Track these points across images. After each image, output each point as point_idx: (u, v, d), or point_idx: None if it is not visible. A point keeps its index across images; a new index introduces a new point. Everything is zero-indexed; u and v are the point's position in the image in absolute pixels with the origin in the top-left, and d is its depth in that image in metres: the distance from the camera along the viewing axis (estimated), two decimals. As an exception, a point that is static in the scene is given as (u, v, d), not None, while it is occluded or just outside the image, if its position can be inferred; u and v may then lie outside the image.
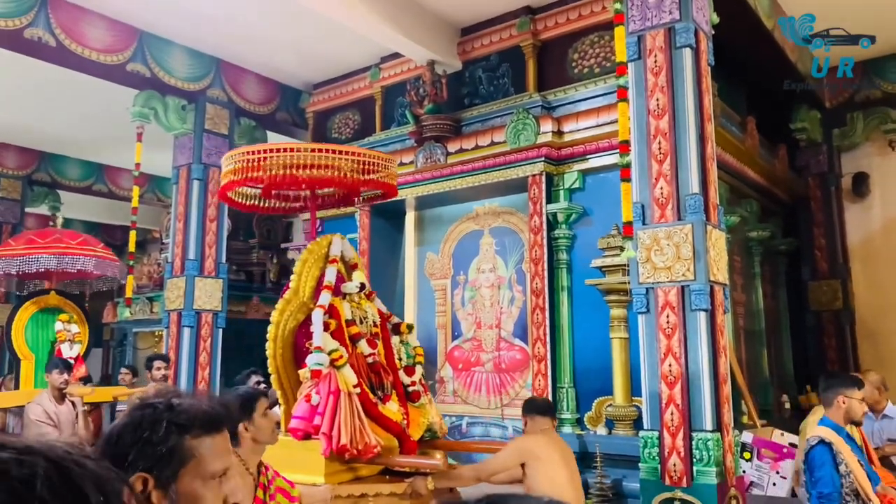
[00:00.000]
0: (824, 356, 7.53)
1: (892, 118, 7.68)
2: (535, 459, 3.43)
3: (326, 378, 3.40)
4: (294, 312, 3.78)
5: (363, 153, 3.96)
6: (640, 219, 4.31)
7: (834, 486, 3.20)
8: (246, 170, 3.77)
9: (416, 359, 4.15)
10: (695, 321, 4.07)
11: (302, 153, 3.74)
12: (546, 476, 3.38)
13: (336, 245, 4.00)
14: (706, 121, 4.36)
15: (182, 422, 1.19)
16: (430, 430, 3.98)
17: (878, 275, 7.68)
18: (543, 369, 5.69)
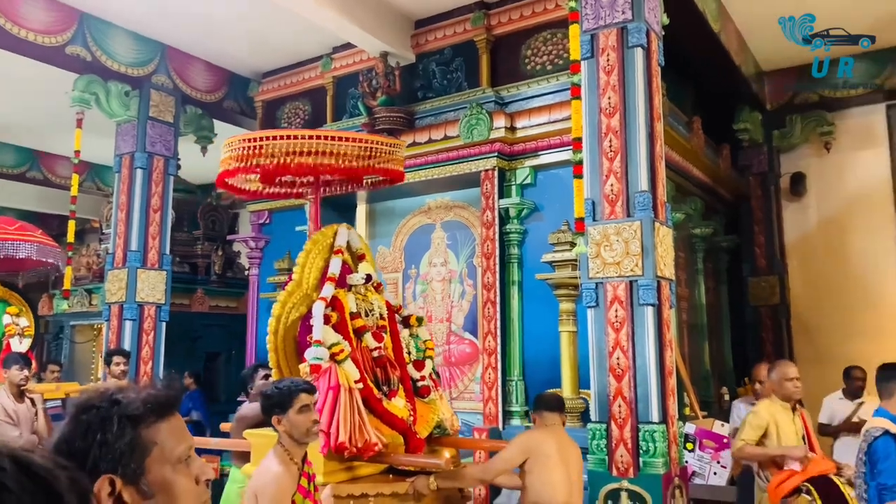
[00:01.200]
0: (762, 350, 7.81)
1: (828, 121, 8.00)
2: (536, 457, 3.35)
3: (326, 373, 3.29)
4: (297, 304, 3.66)
5: (368, 139, 3.84)
6: (591, 215, 4.38)
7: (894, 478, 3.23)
8: (246, 157, 3.63)
9: (427, 353, 4.00)
10: (642, 315, 4.16)
11: (305, 140, 3.62)
12: (540, 477, 3.30)
13: (342, 235, 3.89)
14: (656, 120, 4.46)
15: (132, 413, 1.16)
16: (439, 426, 3.83)
17: (813, 271, 8.00)
18: (493, 362, 5.73)
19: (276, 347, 3.62)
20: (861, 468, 3.39)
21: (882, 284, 7.55)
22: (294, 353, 3.64)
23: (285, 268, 7.43)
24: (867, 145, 7.91)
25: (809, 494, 3.86)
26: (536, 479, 3.30)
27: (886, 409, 3.48)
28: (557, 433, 3.51)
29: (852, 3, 6.54)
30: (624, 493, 3.99)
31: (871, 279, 7.60)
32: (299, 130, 4.19)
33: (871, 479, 3.30)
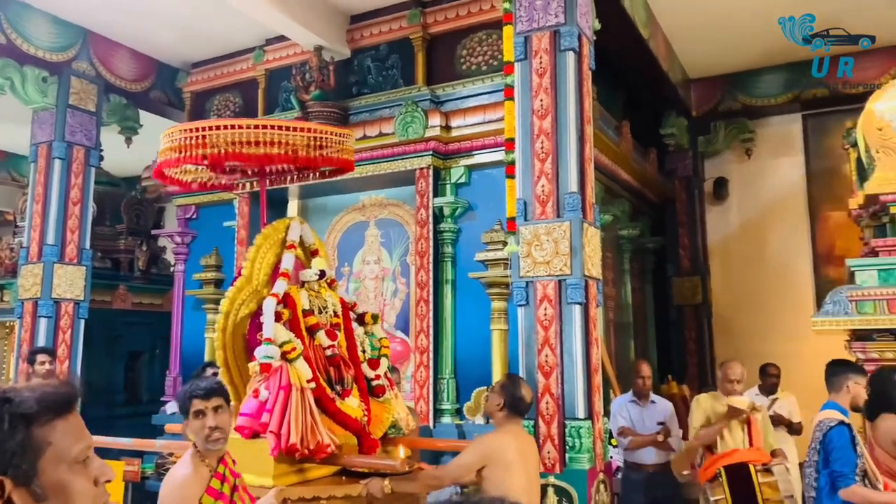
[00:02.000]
0: (685, 348, 8.10)
1: (749, 129, 8.37)
2: (496, 464, 3.20)
3: (277, 372, 3.18)
4: (246, 301, 3.52)
5: (316, 129, 3.71)
6: (523, 215, 4.43)
7: (851, 465, 3.32)
8: (187, 147, 3.46)
9: (382, 351, 3.90)
10: (570, 314, 4.24)
11: (250, 130, 3.48)
12: (500, 485, 3.14)
13: (294, 229, 3.76)
14: (586, 123, 4.55)
15: (25, 411, 1.10)
16: (394, 426, 3.74)
17: (733, 273, 8.34)
18: (425, 361, 5.74)
19: (225, 345, 3.48)
20: (813, 457, 3.49)
21: (797, 286, 7.94)
22: (243, 351, 3.52)
23: (213, 264, 7.24)
24: (785, 153, 8.31)
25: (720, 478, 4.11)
26: (495, 487, 3.16)
27: (836, 401, 3.63)
28: (518, 435, 3.41)
29: (774, 17, 6.83)
30: (550, 489, 4.06)
31: (786, 281, 7.98)
32: (244, 119, 4.01)
33: (823, 467, 3.41)
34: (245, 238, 6.89)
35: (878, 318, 4.50)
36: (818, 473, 3.46)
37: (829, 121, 7.83)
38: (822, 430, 3.46)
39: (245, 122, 3.58)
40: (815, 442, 3.47)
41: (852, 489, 3.29)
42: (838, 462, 3.34)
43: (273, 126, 3.56)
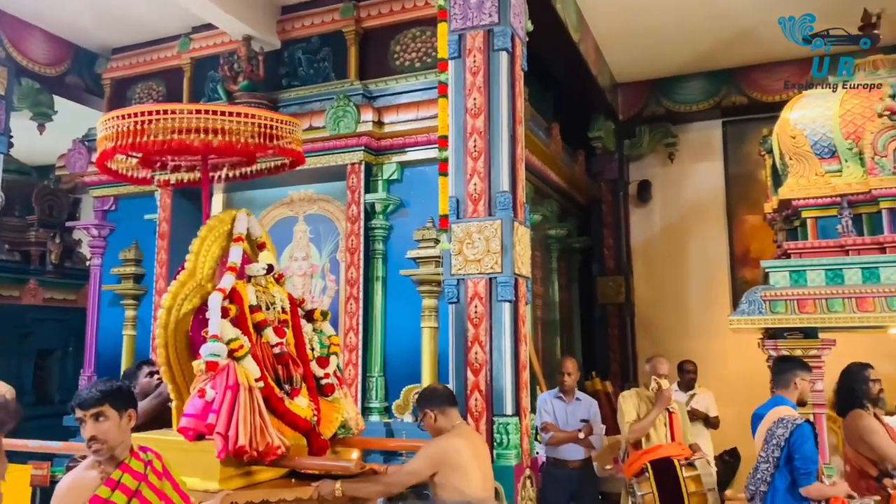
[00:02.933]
0: (608, 345, 8.32)
1: (672, 133, 8.66)
2: (451, 469, 3.15)
3: (224, 371, 3.03)
4: (189, 296, 3.34)
5: (262, 116, 3.53)
6: (455, 213, 4.44)
7: (815, 463, 3.42)
8: (124, 135, 3.26)
9: (331, 349, 3.78)
10: (500, 311, 4.28)
11: (190, 116, 3.29)
12: (455, 490, 3.11)
13: (241, 222, 3.59)
14: (518, 123, 4.60)
15: None
16: (344, 426, 3.64)
17: (655, 273, 8.62)
18: (354, 359, 5.68)
19: (167, 343, 3.30)
20: (774, 453, 3.50)
21: (715, 286, 8.27)
22: (186, 348, 3.35)
23: (132, 258, 6.96)
24: (705, 158, 8.64)
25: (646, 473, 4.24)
26: (451, 492, 3.11)
27: (784, 397, 3.73)
28: (468, 435, 3.36)
29: (697, 26, 7.10)
30: (479, 485, 4.08)
31: (705, 281, 8.31)
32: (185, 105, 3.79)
33: (785, 463, 3.45)
34: (167, 232, 6.66)
35: (788, 317, 4.73)
36: (776, 469, 3.49)
37: (747, 128, 8.18)
38: (788, 428, 3.48)
39: (186, 106, 3.40)
40: (779, 438, 3.49)
41: (815, 485, 3.40)
42: (803, 460, 3.40)
43: (215, 112, 3.39)
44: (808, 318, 4.68)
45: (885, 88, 5.06)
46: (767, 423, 3.59)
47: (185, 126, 3.30)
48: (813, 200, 5.22)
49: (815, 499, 3.41)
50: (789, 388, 3.74)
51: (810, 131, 5.32)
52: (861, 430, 3.71)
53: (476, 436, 3.52)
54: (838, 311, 4.65)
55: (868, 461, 3.74)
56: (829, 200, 5.14)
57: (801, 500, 3.42)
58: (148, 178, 4.25)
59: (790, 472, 3.44)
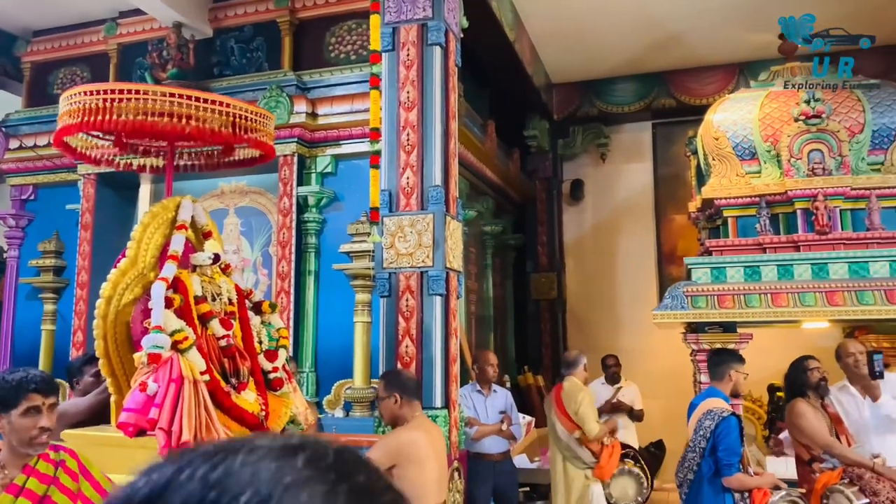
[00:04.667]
0: (540, 340, 8.46)
1: (605, 134, 8.87)
2: (409, 462, 3.09)
3: (167, 363, 2.88)
4: (130, 285, 3.18)
5: (234, 105, 3.39)
6: (387, 206, 4.44)
7: (737, 455, 3.56)
8: (87, 113, 3.10)
9: (280, 342, 3.63)
10: (431, 305, 4.30)
11: (163, 98, 3.14)
12: (414, 482, 3.04)
13: (186, 209, 3.43)
14: (451, 118, 4.62)
15: None
16: (293, 421, 3.50)
17: (586, 270, 8.81)
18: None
19: (106, 334, 3.13)
20: (701, 444, 3.62)
21: (643, 283, 8.51)
22: (126, 340, 3.20)
23: (52, 250, 6.68)
24: (635, 159, 8.88)
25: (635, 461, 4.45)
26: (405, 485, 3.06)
27: (718, 388, 3.86)
28: (428, 428, 3.31)
29: (629, 30, 7.29)
30: (408, 478, 4.09)
31: (634, 278, 8.54)
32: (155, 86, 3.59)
33: (710, 453, 3.57)
34: (90, 223, 6.42)
35: (709, 311, 4.92)
36: (702, 459, 3.62)
37: (676, 130, 8.45)
38: (715, 420, 3.61)
39: (156, 88, 3.27)
40: (706, 430, 3.61)
41: (736, 476, 3.55)
42: (726, 451, 3.55)
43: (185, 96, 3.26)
44: (726, 312, 4.88)
45: (801, 94, 5.31)
46: (698, 414, 3.72)
47: (156, 109, 3.18)
48: (734, 200, 5.45)
49: (736, 489, 3.55)
50: (724, 379, 3.87)
51: (732, 133, 5.55)
52: (793, 415, 3.87)
53: (436, 430, 3.48)
54: (755, 307, 4.86)
55: (802, 447, 3.90)
56: (748, 200, 5.38)
57: (723, 490, 3.55)
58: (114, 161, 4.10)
59: (714, 462, 3.57)
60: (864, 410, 4.06)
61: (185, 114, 3.25)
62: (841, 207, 5.13)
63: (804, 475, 3.95)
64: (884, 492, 3.53)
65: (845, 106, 5.32)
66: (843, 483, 3.62)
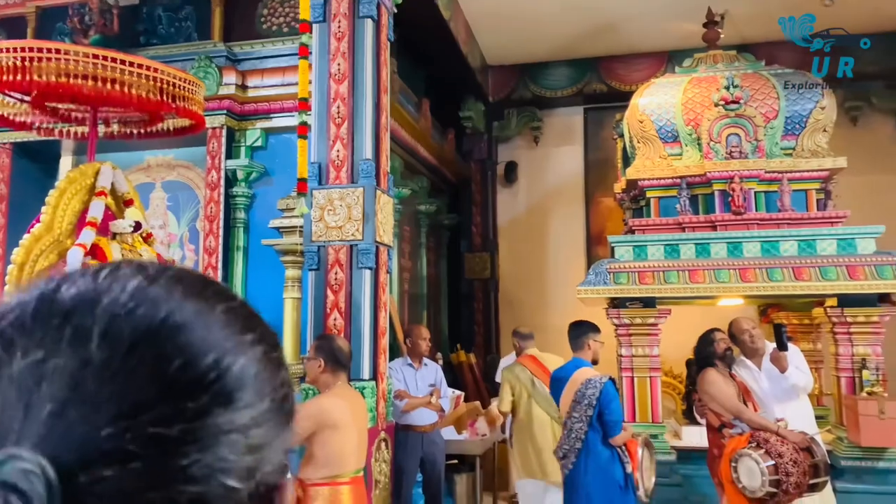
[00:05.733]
0: (473, 319, 8.57)
1: (538, 117, 9.00)
2: (326, 427, 3.09)
3: None
4: (45, 252, 3.09)
5: (162, 70, 3.26)
6: (317, 179, 4.42)
7: (621, 414, 3.83)
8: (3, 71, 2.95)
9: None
10: (360, 278, 4.31)
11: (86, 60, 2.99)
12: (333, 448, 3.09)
13: (106, 175, 3.33)
14: (383, 92, 4.62)
15: None
16: None
17: (518, 251, 8.96)
18: (213, 329, 5.52)
19: None
20: (588, 412, 3.78)
21: (572, 263, 8.70)
22: None
23: (-36, 222, 6.36)
24: (567, 142, 9.05)
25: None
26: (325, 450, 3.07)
27: (582, 358, 4.02)
28: (349, 396, 3.34)
29: (563, 15, 7.40)
30: (334, 449, 4.11)
31: (564, 259, 8.73)
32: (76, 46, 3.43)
33: (597, 419, 3.76)
34: (5, 194, 6.17)
35: (630, 287, 5.10)
36: (589, 427, 3.78)
37: (606, 115, 8.64)
38: (598, 388, 3.80)
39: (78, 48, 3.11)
40: (590, 398, 3.78)
41: (620, 435, 3.77)
42: (612, 413, 3.76)
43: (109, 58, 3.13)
44: (646, 288, 5.08)
45: (721, 80, 5.53)
46: (575, 385, 3.87)
47: (78, 71, 3.05)
48: (656, 181, 5.65)
49: (619, 444, 3.80)
50: (584, 349, 4.04)
51: (656, 117, 5.73)
52: (704, 383, 4.04)
53: (357, 398, 3.50)
54: (673, 283, 5.07)
55: (713, 414, 4.08)
56: (670, 182, 5.58)
57: (610, 449, 3.78)
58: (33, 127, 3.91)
59: (601, 426, 3.77)
60: (762, 382, 4.29)
61: (109, 77, 3.16)
62: (755, 189, 5.39)
63: (714, 440, 4.16)
64: (787, 453, 3.75)
65: (762, 93, 5.56)
66: (750, 447, 3.82)
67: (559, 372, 4.11)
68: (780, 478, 3.64)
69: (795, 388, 4.26)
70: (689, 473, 4.97)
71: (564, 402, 3.94)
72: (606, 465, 3.77)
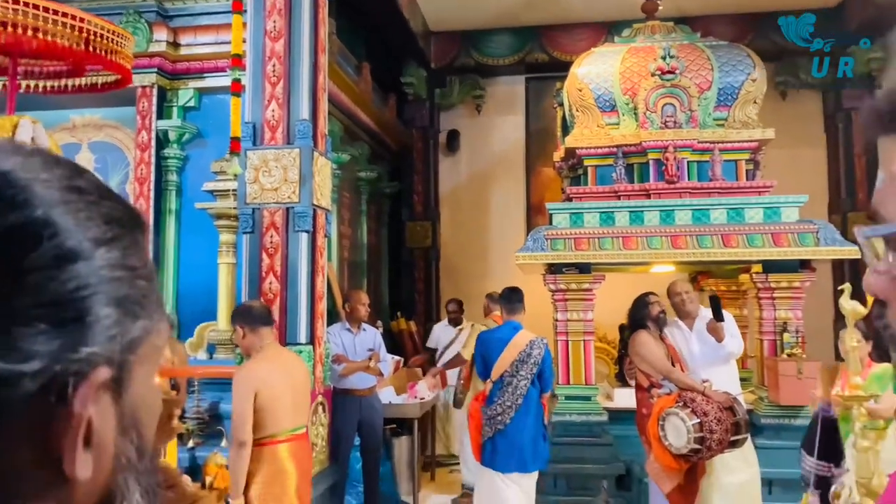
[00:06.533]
0: (414, 287, 8.58)
1: (481, 86, 8.97)
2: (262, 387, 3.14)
3: None
4: None
5: (87, 20, 3.05)
6: (251, 139, 4.31)
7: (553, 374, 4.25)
8: None
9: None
10: (297, 242, 4.25)
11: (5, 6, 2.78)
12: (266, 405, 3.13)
13: (24, 129, 3.10)
14: (320, 52, 4.52)
15: None
16: None
17: (460, 219, 8.98)
18: (144, 295, 5.37)
19: None
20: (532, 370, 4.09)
21: (512, 232, 8.77)
22: None
23: None
24: (509, 111, 9.07)
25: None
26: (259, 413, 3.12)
27: (516, 321, 4.24)
28: (278, 356, 3.35)
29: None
30: (270, 414, 4.08)
31: (504, 228, 8.79)
32: None
33: (538, 376, 4.10)
34: (-84, 152, 5.77)
35: (566, 254, 5.18)
36: (531, 384, 4.10)
37: (547, 85, 8.67)
38: (541, 347, 4.13)
39: None
40: (535, 357, 4.11)
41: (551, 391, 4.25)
42: (550, 371, 4.17)
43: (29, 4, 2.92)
44: (582, 255, 5.16)
45: (658, 51, 5.61)
46: (519, 346, 4.14)
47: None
48: (594, 150, 5.72)
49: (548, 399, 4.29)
50: (519, 313, 4.33)
51: (595, 86, 5.79)
52: (636, 345, 4.17)
53: (291, 357, 3.53)
54: (608, 249, 5.17)
55: (642, 374, 4.20)
56: (607, 150, 5.66)
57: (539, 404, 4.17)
58: None
59: (541, 382, 4.14)
60: (692, 344, 4.43)
61: (30, 25, 2.98)
62: (688, 159, 5.52)
63: (643, 400, 4.30)
64: (712, 412, 3.90)
65: (696, 64, 5.68)
66: (677, 406, 3.96)
67: (491, 333, 4.33)
68: (705, 435, 3.79)
69: (731, 355, 4.40)
70: (620, 433, 5.13)
71: (503, 363, 4.12)
72: (537, 418, 4.13)
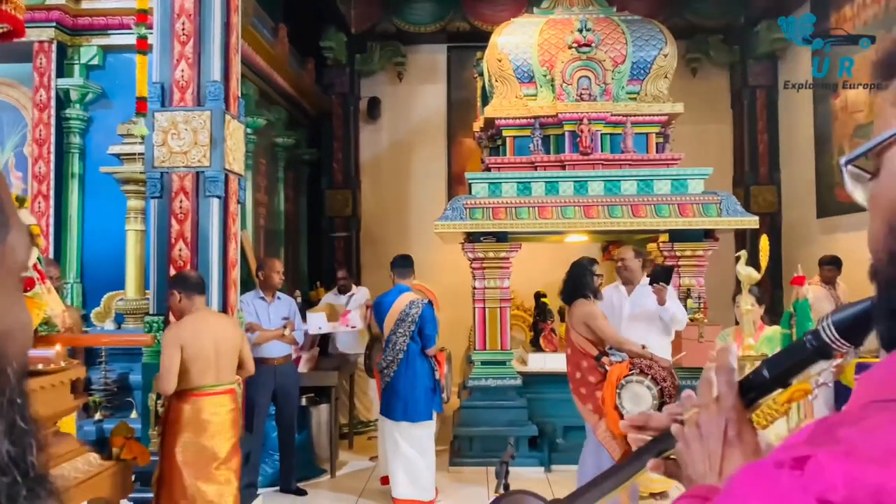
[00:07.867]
0: (334, 256, 8.51)
1: (402, 53, 8.87)
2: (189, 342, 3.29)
3: None
4: None
5: None
6: (159, 100, 4.13)
7: (436, 331, 4.54)
8: None
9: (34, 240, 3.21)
10: (208, 207, 4.13)
11: None
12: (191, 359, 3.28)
13: None
14: (233, 11, 4.36)
15: None
16: (46, 323, 3.18)
17: (381, 188, 8.93)
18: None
19: None
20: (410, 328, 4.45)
21: (433, 202, 8.80)
22: None
23: None
24: (431, 80, 9.02)
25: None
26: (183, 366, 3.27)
27: (406, 285, 4.59)
28: (206, 318, 3.46)
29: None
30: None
31: (425, 197, 8.80)
32: None
33: (417, 333, 4.44)
34: None
35: (484, 223, 5.26)
36: (410, 340, 4.46)
37: (469, 55, 8.63)
38: (419, 307, 4.49)
39: None
40: (413, 316, 4.46)
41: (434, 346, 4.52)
42: (431, 329, 4.48)
43: None
44: (500, 224, 5.26)
45: (575, 23, 5.70)
46: (400, 306, 4.49)
47: None
48: (512, 121, 5.79)
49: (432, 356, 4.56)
50: (410, 278, 4.68)
51: (514, 56, 5.83)
52: (585, 315, 4.01)
53: (218, 317, 3.66)
54: (524, 219, 5.28)
55: (589, 342, 4.12)
56: (525, 121, 5.74)
57: (426, 358, 4.53)
58: None
59: (421, 339, 4.48)
60: (625, 307, 4.49)
61: None
62: (602, 131, 5.67)
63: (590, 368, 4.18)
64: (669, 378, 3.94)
65: (612, 38, 5.80)
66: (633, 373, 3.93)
67: (382, 298, 4.67)
68: (665, 401, 3.85)
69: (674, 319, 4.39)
70: (533, 396, 5.30)
71: (389, 322, 4.51)
72: (421, 372, 4.47)
